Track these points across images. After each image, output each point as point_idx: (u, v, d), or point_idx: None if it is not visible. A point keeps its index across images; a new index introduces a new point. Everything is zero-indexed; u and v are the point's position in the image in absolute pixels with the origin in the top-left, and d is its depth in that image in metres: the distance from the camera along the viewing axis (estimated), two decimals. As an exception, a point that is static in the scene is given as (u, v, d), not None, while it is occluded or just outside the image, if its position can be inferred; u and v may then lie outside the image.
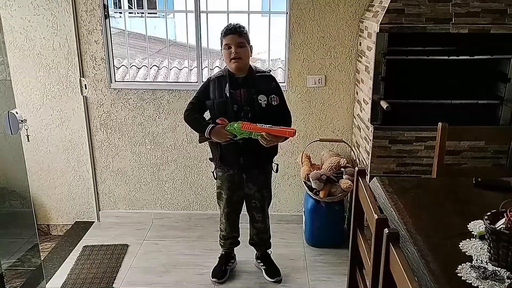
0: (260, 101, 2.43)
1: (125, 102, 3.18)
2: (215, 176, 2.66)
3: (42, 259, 2.88)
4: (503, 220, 1.40)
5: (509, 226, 1.36)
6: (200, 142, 2.62)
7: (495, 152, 2.58)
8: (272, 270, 2.75)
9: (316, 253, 3.01)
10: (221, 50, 2.48)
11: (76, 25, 3.01)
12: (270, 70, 2.62)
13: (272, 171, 2.67)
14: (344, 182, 2.87)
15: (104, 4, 2.99)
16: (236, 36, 2.39)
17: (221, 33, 2.44)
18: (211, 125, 2.42)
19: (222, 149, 2.50)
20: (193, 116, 2.52)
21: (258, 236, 2.77)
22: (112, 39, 3.13)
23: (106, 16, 3.03)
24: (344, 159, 2.97)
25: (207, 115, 2.56)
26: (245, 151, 2.46)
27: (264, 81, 2.48)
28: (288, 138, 2.42)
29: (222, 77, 2.46)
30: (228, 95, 2.42)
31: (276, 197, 3.25)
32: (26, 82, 3.13)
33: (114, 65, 3.19)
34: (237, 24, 2.44)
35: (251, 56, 2.49)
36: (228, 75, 2.45)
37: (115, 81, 3.19)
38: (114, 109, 3.19)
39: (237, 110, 2.42)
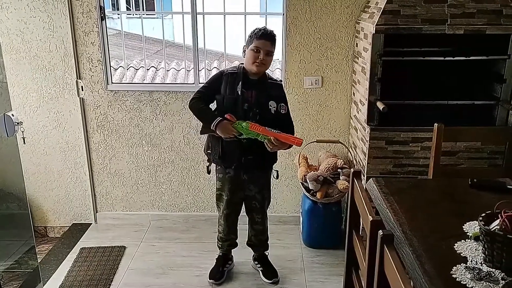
0: (270, 107, 2.44)
1: (122, 103, 3.18)
2: (209, 171, 2.65)
3: (39, 261, 2.88)
4: (497, 221, 1.40)
5: (503, 227, 1.37)
6: (201, 134, 2.59)
7: (491, 152, 2.58)
8: (269, 272, 2.75)
9: (313, 254, 3.01)
10: (244, 47, 2.45)
11: (73, 26, 3.01)
12: (281, 80, 2.64)
13: (272, 176, 2.68)
14: (341, 183, 2.87)
15: (100, 6, 2.99)
16: (268, 43, 2.37)
17: (255, 34, 2.38)
18: (219, 118, 2.39)
19: (224, 146, 2.48)
20: (200, 106, 2.48)
21: (257, 238, 2.77)
22: (108, 40, 3.12)
23: (103, 18, 3.03)
24: (341, 160, 2.98)
25: (212, 106, 2.54)
26: (248, 151, 2.46)
27: (275, 89, 2.50)
28: (292, 146, 2.43)
29: (236, 75, 2.44)
30: (239, 93, 2.42)
31: (274, 198, 3.25)
32: (23, 84, 3.12)
33: (110, 67, 3.19)
34: (272, 31, 2.42)
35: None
36: (242, 73, 2.44)
37: (112, 82, 3.19)
38: (111, 110, 3.19)
39: (246, 109, 2.42)
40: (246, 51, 2.42)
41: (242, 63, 2.47)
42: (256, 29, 2.41)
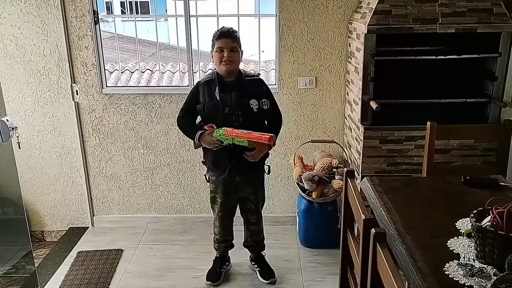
0: (251, 106, 2.44)
1: (117, 107, 3.18)
2: (208, 179, 2.66)
3: (36, 265, 2.89)
4: (489, 218, 1.42)
5: (494, 223, 1.38)
6: (195, 148, 2.64)
7: (484, 150, 2.60)
8: (267, 272, 2.76)
9: (310, 253, 3.02)
10: (211, 52, 2.47)
11: (66, 31, 3.01)
12: (259, 74, 2.63)
13: (265, 173, 2.69)
14: (337, 183, 2.88)
15: (94, 10, 3.00)
16: (229, 40, 2.39)
17: (214, 36, 2.43)
18: (199, 132, 2.43)
19: (214, 153, 2.50)
20: (184, 123, 2.55)
21: (253, 238, 2.78)
22: (103, 44, 3.13)
23: (96, 22, 3.03)
24: (336, 160, 2.99)
25: (199, 119, 2.56)
26: (237, 154, 2.47)
27: (254, 85, 2.49)
28: (271, 146, 2.41)
29: (212, 81, 2.46)
30: (218, 99, 2.42)
31: (270, 198, 3.27)
32: (17, 89, 3.13)
33: (105, 71, 3.19)
34: (230, 28, 2.44)
35: (241, 61, 2.50)
36: (217, 78, 2.45)
37: (107, 86, 3.19)
38: (106, 114, 3.19)
39: (228, 113, 2.41)
40: (213, 55, 2.44)
41: (216, 68, 2.49)
42: (215, 31, 2.45)
